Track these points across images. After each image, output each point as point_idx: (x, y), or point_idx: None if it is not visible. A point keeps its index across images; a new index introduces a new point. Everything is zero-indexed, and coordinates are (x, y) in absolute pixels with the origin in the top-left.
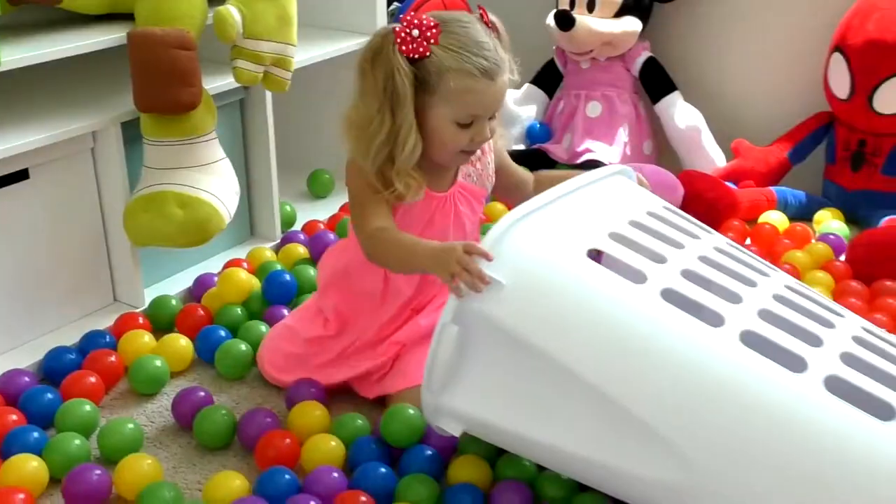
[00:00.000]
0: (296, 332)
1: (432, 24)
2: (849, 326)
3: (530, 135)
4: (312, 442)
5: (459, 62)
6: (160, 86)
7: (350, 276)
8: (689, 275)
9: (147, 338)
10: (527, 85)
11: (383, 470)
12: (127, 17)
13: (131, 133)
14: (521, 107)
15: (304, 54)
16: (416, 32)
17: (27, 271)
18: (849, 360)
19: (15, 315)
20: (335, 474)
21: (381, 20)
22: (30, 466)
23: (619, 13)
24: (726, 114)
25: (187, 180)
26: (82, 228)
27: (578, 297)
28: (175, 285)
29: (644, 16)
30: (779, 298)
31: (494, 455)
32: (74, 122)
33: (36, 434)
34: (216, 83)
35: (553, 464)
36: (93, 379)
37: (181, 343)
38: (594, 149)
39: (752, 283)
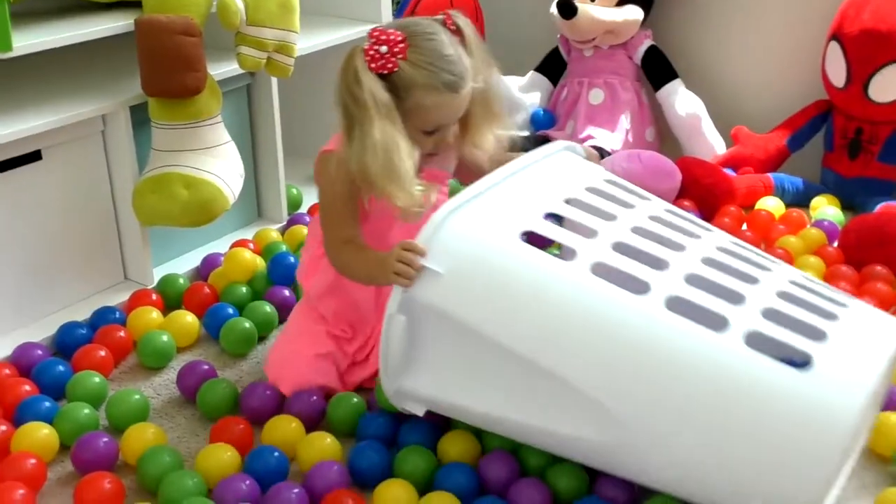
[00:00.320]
0: (316, 333)
1: (399, 38)
2: (775, 281)
3: (534, 121)
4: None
5: (426, 78)
6: (166, 71)
7: (343, 287)
8: (619, 247)
9: (155, 314)
10: (531, 72)
11: (378, 448)
12: (135, 4)
13: (139, 116)
14: (526, 94)
15: (310, 41)
16: (384, 49)
17: (41, 250)
18: (770, 315)
19: (29, 292)
20: (335, 467)
21: (386, 8)
22: (41, 434)
23: (621, 2)
24: (726, 101)
25: (193, 162)
26: (93, 208)
27: (508, 277)
28: (183, 264)
29: (646, 4)
30: (707, 261)
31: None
32: (85, 105)
33: (47, 403)
34: (223, 69)
35: (507, 433)
36: (102, 352)
37: (187, 319)
38: (596, 135)
39: (681, 248)
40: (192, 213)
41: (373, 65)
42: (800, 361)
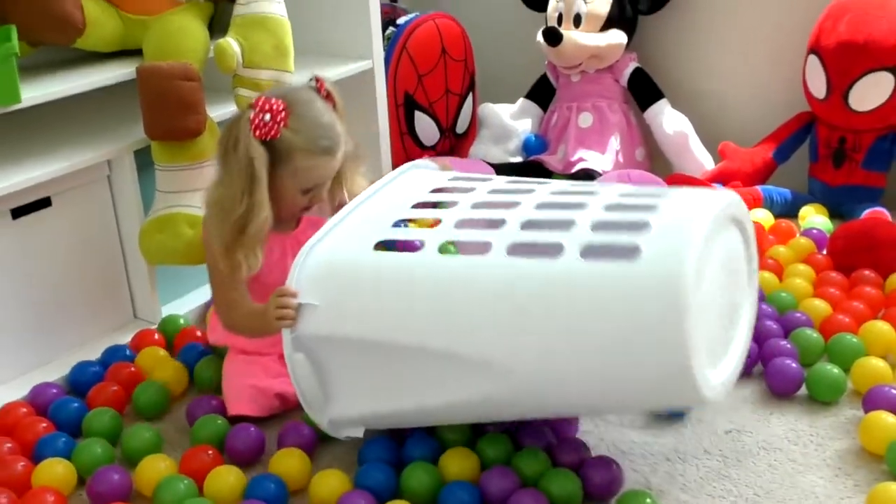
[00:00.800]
0: (235, 360)
1: (281, 108)
2: (602, 199)
3: (526, 147)
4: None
5: (305, 144)
6: (168, 115)
7: (239, 339)
8: (462, 223)
9: (162, 353)
10: (521, 100)
11: (382, 468)
12: (136, 52)
13: (143, 160)
14: (517, 121)
15: (304, 80)
16: (267, 117)
17: (53, 293)
18: (599, 226)
19: (43, 333)
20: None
21: (378, 46)
22: (59, 469)
23: (605, 27)
24: (712, 118)
25: (197, 202)
26: (102, 251)
27: (371, 284)
28: (191, 302)
29: (629, 28)
30: (540, 205)
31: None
32: (91, 151)
33: (63, 440)
34: (222, 111)
35: (429, 421)
36: (115, 388)
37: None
38: (587, 158)
39: (516, 205)
40: (196, 251)
41: (257, 132)
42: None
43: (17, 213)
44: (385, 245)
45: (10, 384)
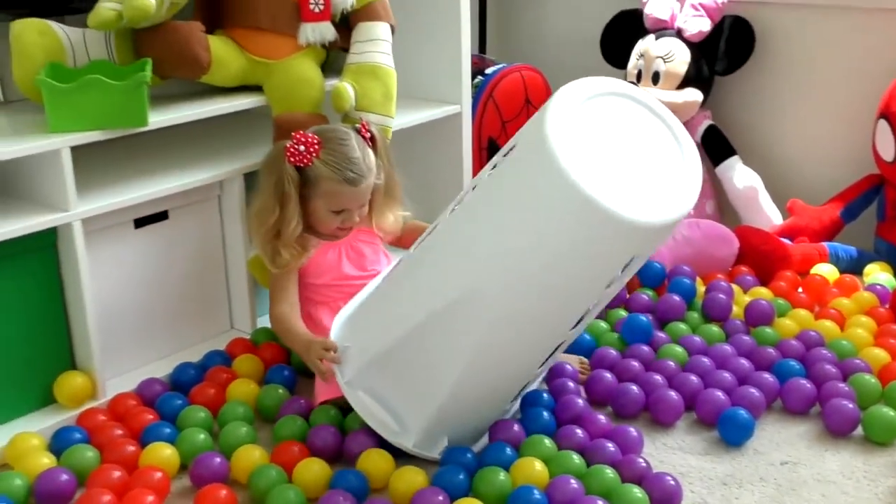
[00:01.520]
0: None
1: (316, 141)
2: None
3: None
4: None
5: (331, 173)
6: None
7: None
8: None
9: (257, 360)
10: None
11: (458, 471)
12: (253, 88)
13: (251, 183)
14: None
15: (400, 119)
16: (302, 147)
17: (163, 298)
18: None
19: (152, 335)
20: (440, 497)
21: (466, 92)
22: (165, 453)
23: (682, 85)
24: (782, 176)
25: None
26: (208, 264)
27: (372, 306)
28: None
29: (705, 87)
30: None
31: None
32: (206, 172)
33: (168, 429)
34: None
35: (485, 395)
36: (212, 390)
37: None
38: None
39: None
40: None
41: (291, 158)
42: None
43: (139, 223)
44: None
45: (123, 377)
